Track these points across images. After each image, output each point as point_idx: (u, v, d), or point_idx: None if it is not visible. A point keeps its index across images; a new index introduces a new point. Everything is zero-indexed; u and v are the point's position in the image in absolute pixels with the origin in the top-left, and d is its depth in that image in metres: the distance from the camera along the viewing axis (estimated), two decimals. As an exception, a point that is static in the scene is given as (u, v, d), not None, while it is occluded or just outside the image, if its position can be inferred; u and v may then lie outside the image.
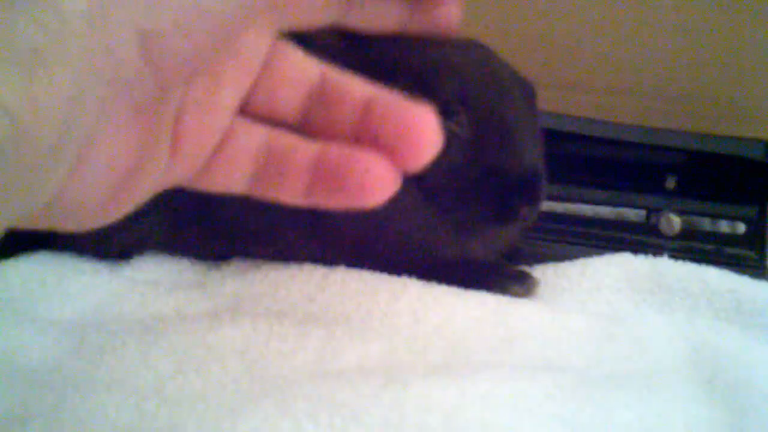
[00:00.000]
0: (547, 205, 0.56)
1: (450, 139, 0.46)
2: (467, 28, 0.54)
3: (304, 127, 0.32)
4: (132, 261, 0.50)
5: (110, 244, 0.50)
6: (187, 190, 0.32)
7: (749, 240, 0.60)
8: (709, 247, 0.60)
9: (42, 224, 0.26)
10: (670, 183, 0.62)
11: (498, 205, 0.46)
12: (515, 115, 0.47)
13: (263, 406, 0.33)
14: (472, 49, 0.50)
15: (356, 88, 0.31)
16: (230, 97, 0.30)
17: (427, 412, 0.33)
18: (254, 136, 0.31)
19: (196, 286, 0.47)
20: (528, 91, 0.50)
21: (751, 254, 0.59)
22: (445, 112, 0.46)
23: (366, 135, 0.30)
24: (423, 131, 0.29)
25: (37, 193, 0.23)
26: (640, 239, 0.60)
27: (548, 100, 0.53)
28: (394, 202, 0.47)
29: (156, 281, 0.48)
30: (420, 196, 0.48)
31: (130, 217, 0.29)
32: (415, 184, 0.48)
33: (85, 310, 0.44)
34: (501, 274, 0.51)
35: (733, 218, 0.62)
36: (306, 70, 0.32)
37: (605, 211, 0.65)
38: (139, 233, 0.50)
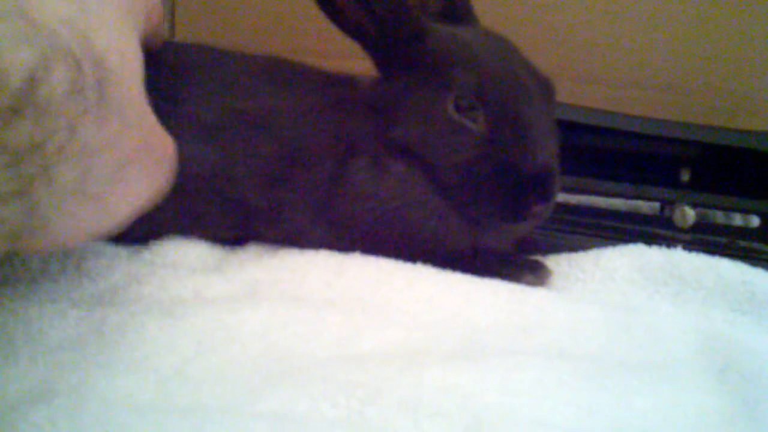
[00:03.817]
0: (561, 197, 0.56)
1: (465, 134, 0.47)
2: (484, 21, 0.55)
3: None
4: (151, 245, 0.51)
5: (130, 231, 0.51)
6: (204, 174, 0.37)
7: (763, 233, 0.60)
8: (723, 239, 0.60)
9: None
10: (685, 176, 0.62)
11: (510, 202, 0.47)
12: (531, 113, 0.47)
13: (282, 387, 0.33)
14: (492, 42, 0.50)
15: None
16: None
17: (444, 396, 0.33)
18: None
19: (214, 270, 0.47)
20: (546, 88, 0.50)
21: (765, 247, 0.59)
22: (462, 108, 0.47)
23: None
24: None
25: None
26: (654, 231, 0.60)
27: (564, 92, 0.53)
28: (408, 195, 0.48)
29: (175, 264, 0.48)
30: (433, 190, 0.48)
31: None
32: (428, 178, 0.48)
33: (103, 291, 0.45)
34: (515, 263, 0.51)
35: (746, 211, 0.62)
36: None
37: (619, 203, 0.65)
38: (158, 221, 0.50)
